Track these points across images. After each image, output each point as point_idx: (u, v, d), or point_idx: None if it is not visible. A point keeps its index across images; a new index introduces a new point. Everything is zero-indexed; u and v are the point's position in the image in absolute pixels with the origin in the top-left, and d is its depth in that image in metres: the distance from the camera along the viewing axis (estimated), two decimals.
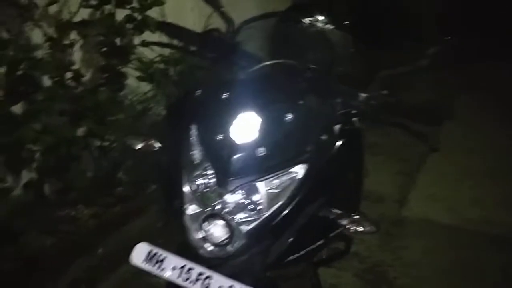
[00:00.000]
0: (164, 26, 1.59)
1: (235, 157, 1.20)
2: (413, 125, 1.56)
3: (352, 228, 1.30)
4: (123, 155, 2.93)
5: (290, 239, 1.27)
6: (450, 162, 3.78)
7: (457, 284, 2.55)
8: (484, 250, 2.82)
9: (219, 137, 1.23)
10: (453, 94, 5.17)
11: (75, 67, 2.70)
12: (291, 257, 1.31)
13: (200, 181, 1.25)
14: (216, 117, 1.26)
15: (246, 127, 1.22)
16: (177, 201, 1.26)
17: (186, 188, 1.25)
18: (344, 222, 1.30)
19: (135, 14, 2.75)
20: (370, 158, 3.54)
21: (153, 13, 2.85)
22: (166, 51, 3.14)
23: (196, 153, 1.26)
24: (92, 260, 2.46)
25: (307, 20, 1.49)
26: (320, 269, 1.99)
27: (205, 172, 1.24)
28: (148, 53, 3.14)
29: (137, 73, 3.10)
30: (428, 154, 3.76)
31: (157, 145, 1.41)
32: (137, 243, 1.27)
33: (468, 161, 3.85)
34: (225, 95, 1.29)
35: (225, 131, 1.22)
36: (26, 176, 2.54)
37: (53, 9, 2.59)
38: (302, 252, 1.32)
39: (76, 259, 2.42)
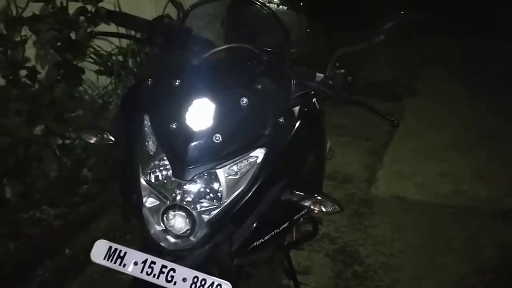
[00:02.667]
0: (113, 15, 1.52)
1: (190, 145, 1.16)
2: (373, 103, 1.56)
3: (315, 209, 1.29)
4: (87, 152, 2.86)
5: (254, 225, 1.25)
6: (416, 138, 3.84)
7: (428, 258, 2.60)
8: (453, 223, 2.88)
9: (173, 125, 1.18)
10: (414, 70, 5.26)
11: (29, 64, 2.60)
12: (256, 243, 1.29)
13: (157, 172, 1.21)
14: (169, 105, 1.22)
15: (200, 114, 1.19)
16: (135, 195, 1.22)
17: (143, 181, 1.21)
18: (307, 203, 1.29)
19: (88, 6, 2.67)
20: (336, 139, 3.59)
21: (109, 5, 2.77)
22: (124, 43, 3.07)
23: (151, 144, 1.22)
24: (59, 262, 2.39)
25: (259, 1, 1.46)
26: (292, 252, 2.00)
27: (161, 163, 1.21)
28: (106, 46, 3.06)
29: (95, 67, 3.02)
30: (394, 131, 3.81)
31: (111, 138, 1.37)
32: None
33: (434, 136, 3.91)
34: (177, 82, 1.25)
35: (179, 119, 1.18)
36: None
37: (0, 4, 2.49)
38: (267, 237, 1.31)
39: (43, 262, 2.35)
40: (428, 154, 3.66)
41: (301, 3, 1.65)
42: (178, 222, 1.18)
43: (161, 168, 1.20)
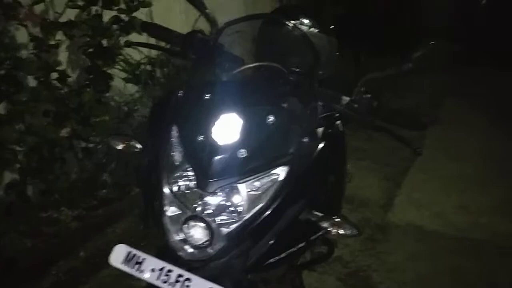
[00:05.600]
0: (147, 27, 1.57)
1: (216, 158, 1.19)
2: (396, 129, 1.56)
3: (333, 231, 1.29)
4: (108, 157, 2.91)
5: (271, 242, 1.26)
6: (436, 167, 3.80)
7: None
8: (469, 256, 2.82)
9: (200, 138, 1.21)
10: (438, 98, 5.23)
11: (61, 67, 2.68)
12: (272, 260, 1.30)
13: (180, 182, 1.23)
14: (198, 118, 1.25)
15: (227, 129, 1.21)
16: (157, 203, 1.24)
17: (166, 190, 1.23)
18: (325, 225, 1.29)
19: (122, 16, 2.74)
20: (355, 162, 3.56)
21: (141, 15, 2.85)
22: (153, 53, 3.13)
23: (177, 154, 1.25)
24: (73, 263, 2.42)
25: (292, 23, 1.48)
26: (304, 272, 1.99)
27: (185, 174, 1.23)
28: (135, 55, 3.13)
29: (124, 75, 3.09)
30: (414, 159, 3.78)
31: (138, 146, 1.40)
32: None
33: (454, 166, 3.87)
34: (207, 96, 1.28)
35: (206, 132, 1.21)
36: (8, 177, 2.50)
37: (38, 8, 2.57)
38: (283, 255, 1.31)
39: (58, 261, 2.38)
40: (447, 184, 3.61)
41: (332, 26, 1.68)
42: (197, 232, 1.20)
43: (185, 179, 1.23)
